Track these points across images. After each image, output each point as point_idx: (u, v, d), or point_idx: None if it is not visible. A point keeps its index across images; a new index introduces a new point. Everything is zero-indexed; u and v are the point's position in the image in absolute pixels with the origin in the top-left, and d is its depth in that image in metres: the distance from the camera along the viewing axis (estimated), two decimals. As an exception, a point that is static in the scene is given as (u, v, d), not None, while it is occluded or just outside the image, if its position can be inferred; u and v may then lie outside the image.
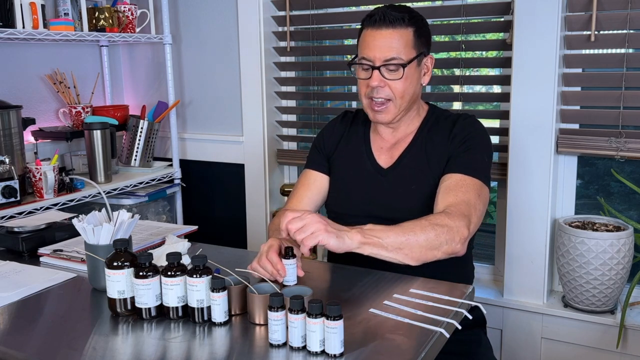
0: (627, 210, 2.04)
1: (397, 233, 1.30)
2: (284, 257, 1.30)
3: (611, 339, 1.87)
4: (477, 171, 1.48)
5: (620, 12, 1.80)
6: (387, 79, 1.49)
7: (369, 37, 1.49)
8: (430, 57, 1.57)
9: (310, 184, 1.68)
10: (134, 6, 2.44)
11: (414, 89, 1.53)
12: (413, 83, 1.51)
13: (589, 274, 1.83)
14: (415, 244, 1.30)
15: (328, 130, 1.74)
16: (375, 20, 1.48)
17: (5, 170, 1.93)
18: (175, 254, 1.19)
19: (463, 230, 1.36)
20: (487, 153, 1.55)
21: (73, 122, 2.41)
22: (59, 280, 1.41)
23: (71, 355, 1.08)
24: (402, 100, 1.51)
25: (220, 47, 2.53)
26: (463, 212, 1.39)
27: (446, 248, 1.34)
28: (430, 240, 1.32)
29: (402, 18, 1.47)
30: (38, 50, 2.41)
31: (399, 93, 1.50)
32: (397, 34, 1.47)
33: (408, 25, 1.48)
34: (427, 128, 1.59)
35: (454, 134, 1.54)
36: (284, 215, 1.27)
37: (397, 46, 1.47)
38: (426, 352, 1.05)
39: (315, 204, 1.69)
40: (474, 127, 1.56)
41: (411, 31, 1.48)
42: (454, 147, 1.52)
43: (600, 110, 1.90)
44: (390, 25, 1.47)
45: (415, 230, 1.31)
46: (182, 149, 2.69)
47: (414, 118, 1.60)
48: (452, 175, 1.48)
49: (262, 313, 1.14)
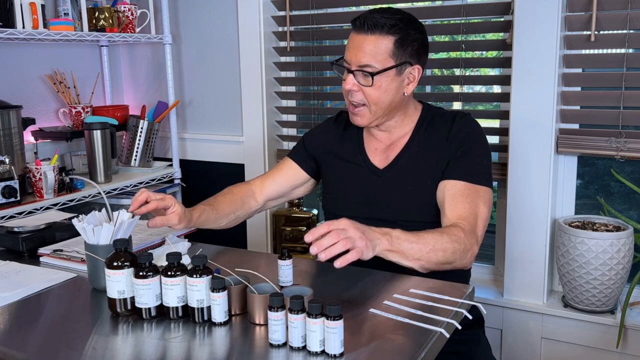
0: (627, 210, 2.04)
1: (421, 246, 1.33)
2: (280, 258, 1.32)
3: (611, 339, 1.87)
4: (480, 176, 1.49)
5: (620, 12, 1.80)
6: (361, 84, 1.48)
7: (350, 40, 1.49)
8: (418, 68, 1.51)
9: (283, 170, 1.72)
10: (134, 6, 2.44)
11: (391, 98, 1.50)
12: (389, 92, 1.48)
13: (589, 274, 1.83)
14: (433, 258, 1.35)
15: (321, 130, 1.74)
16: (357, 24, 1.47)
17: (5, 170, 1.93)
18: (175, 254, 1.19)
19: (474, 248, 1.42)
20: (487, 154, 1.56)
21: (73, 122, 2.41)
22: (59, 280, 1.41)
23: (71, 355, 1.08)
24: (376, 107, 1.49)
25: (220, 47, 2.53)
26: (473, 227, 1.43)
27: (457, 264, 1.40)
28: (447, 257, 1.37)
29: (383, 25, 1.44)
30: (38, 50, 2.41)
31: (372, 100, 1.48)
32: (373, 41, 1.45)
33: (389, 33, 1.44)
34: (423, 128, 1.58)
35: (452, 135, 1.53)
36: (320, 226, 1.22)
37: (370, 53, 1.44)
38: (426, 352, 1.05)
39: (280, 189, 1.71)
40: (472, 127, 1.55)
41: (391, 40, 1.45)
42: (453, 150, 1.52)
43: (600, 110, 1.90)
44: (368, 31, 1.45)
45: (437, 246, 1.35)
46: (182, 149, 2.69)
47: (405, 120, 1.58)
48: (455, 182, 1.48)
49: (262, 313, 1.14)
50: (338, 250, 1.17)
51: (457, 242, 1.38)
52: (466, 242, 1.40)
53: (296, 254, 2.34)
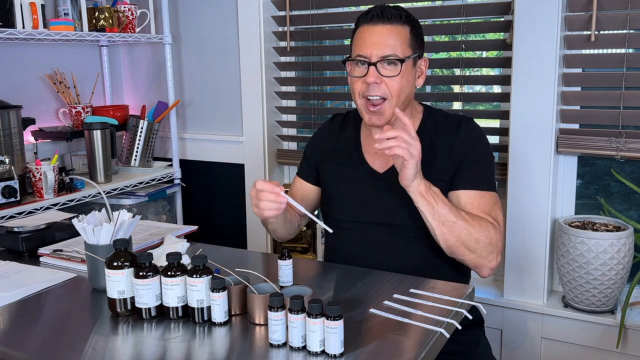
0: (627, 210, 2.04)
1: (451, 211, 1.41)
2: (280, 258, 1.32)
3: (611, 339, 1.87)
4: (490, 184, 1.52)
5: (620, 12, 1.80)
6: (384, 76, 1.45)
7: (366, 33, 1.47)
8: (425, 60, 1.54)
9: (296, 191, 1.71)
10: (134, 6, 2.44)
11: (410, 89, 1.50)
12: (409, 82, 1.49)
13: (589, 274, 1.83)
14: (456, 231, 1.40)
15: (317, 138, 1.73)
16: (372, 17, 1.47)
17: (5, 170, 1.93)
18: (175, 254, 1.19)
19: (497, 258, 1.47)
20: (492, 160, 1.57)
21: (73, 122, 2.41)
22: (59, 280, 1.41)
23: (71, 355, 1.08)
24: (397, 99, 1.47)
25: (220, 47, 2.53)
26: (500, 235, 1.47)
27: (477, 259, 1.44)
28: (470, 241, 1.41)
29: (399, 15, 1.46)
30: (38, 50, 2.41)
31: (395, 91, 1.45)
32: (394, 30, 1.46)
33: (405, 22, 1.47)
34: (426, 131, 1.55)
35: (458, 142, 1.52)
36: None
37: (394, 42, 1.45)
38: (426, 352, 1.05)
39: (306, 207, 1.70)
40: (477, 133, 1.55)
41: (408, 29, 1.47)
42: (459, 157, 1.51)
43: (600, 110, 1.90)
44: (387, 21, 1.45)
45: (465, 222, 1.41)
46: (182, 149, 2.69)
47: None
48: (468, 192, 1.49)
49: (262, 313, 1.14)
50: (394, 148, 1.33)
51: (484, 232, 1.42)
52: (493, 240, 1.43)
53: (296, 254, 2.35)
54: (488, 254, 1.43)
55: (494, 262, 1.45)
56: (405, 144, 1.33)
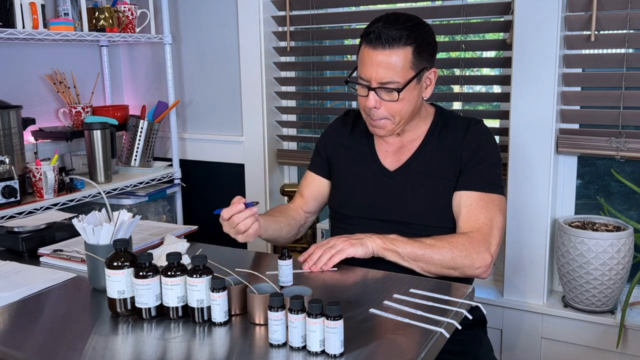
0: (627, 210, 2.04)
1: (415, 247, 1.41)
2: (280, 258, 1.32)
3: (611, 339, 1.87)
4: (494, 185, 1.52)
5: (620, 12, 1.80)
6: (383, 100, 1.45)
7: (366, 56, 1.44)
8: (434, 71, 1.50)
9: (309, 185, 1.73)
10: (134, 6, 2.44)
11: (413, 106, 1.49)
12: (412, 102, 1.48)
13: (589, 274, 1.83)
14: (430, 260, 1.41)
15: (329, 132, 1.74)
16: (371, 40, 1.42)
17: (5, 170, 1.93)
18: (175, 254, 1.19)
19: (485, 256, 1.43)
20: (500, 162, 1.57)
21: (73, 122, 2.41)
22: (59, 280, 1.41)
23: (71, 355, 1.08)
24: (400, 118, 1.49)
25: (220, 47, 2.53)
26: (486, 236, 1.45)
27: (464, 270, 1.43)
28: (446, 261, 1.41)
29: (399, 37, 1.40)
30: (38, 50, 2.41)
31: (396, 112, 1.47)
32: (394, 55, 1.41)
33: (406, 44, 1.41)
34: (437, 132, 1.57)
35: (466, 142, 1.52)
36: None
37: (393, 69, 1.41)
38: (426, 352, 1.05)
39: (318, 202, 1.73)
40: (486, 135, 1.56)
41: (410, 50, 1.42)
42: (466, 158, 1.52)
43: (600, 110, 1.90)
44: (386, 46, 1.40)
45: (433, 248, 1.41)
46: (182, 149, 2.69)
47: (419, 123, 1.58)
48: (470, 194, 1.49)
49: (262, 313, 1.14)
50: (325, 259, 1.39)
51: (456, 248, 1.41)
52: (470, 249, 1.41)
53: (296, 254, 2.34)
54: (472, 262, 1.42)
55: (484, 262, 1.43)
56: (332, 247, 1.41)
